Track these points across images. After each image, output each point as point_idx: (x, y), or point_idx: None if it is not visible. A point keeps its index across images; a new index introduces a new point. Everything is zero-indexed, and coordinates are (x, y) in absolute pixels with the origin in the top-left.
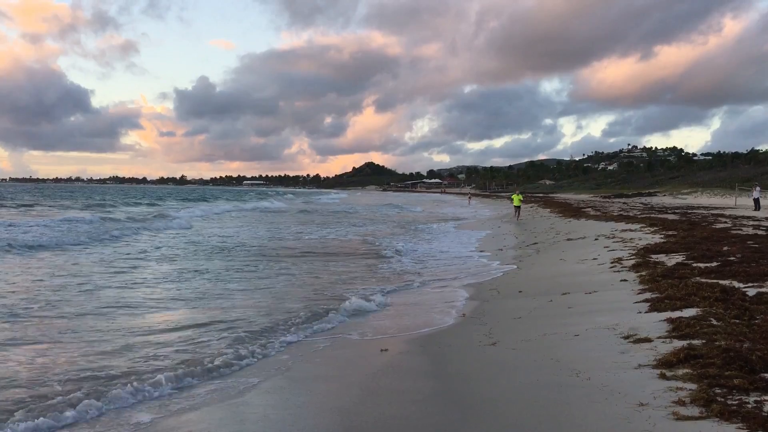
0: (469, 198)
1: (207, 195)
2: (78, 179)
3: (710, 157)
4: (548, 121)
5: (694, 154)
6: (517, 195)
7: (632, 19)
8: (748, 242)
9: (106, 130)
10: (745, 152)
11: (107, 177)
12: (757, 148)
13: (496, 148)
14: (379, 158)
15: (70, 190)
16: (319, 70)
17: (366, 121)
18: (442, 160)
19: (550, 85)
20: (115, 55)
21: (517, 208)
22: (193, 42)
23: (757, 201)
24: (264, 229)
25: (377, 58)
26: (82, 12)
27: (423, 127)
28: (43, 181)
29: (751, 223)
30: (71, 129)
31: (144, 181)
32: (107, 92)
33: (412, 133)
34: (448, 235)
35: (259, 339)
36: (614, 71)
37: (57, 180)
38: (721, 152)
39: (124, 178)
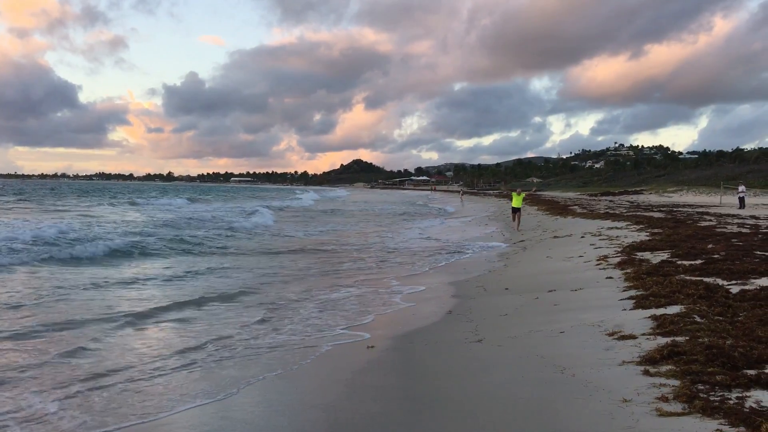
0: (462, 196)
1: (215, 192)
2: (63, 175)
3: (696, 156)
4: (537, 119)
5: (680, 153)
6: (518, 194)
7: (623, 18)
8: (733, 240)
9: (94, 126)
10: (731, 151)
11: (93, 173)
12: (743, 147)
13: (484, 146)
14: (367, 155)
15: (77, 186)
16: (309, 67)
17: (355, 118)
18: (430, 157)
19: (540, 83)
20: (103, 51)
21: (517, 210)
22: (183, 37)
23: (741, 199)
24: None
25: (368, 55)
26: (71, 7)
27: (412, 124)
28: (29, 177)
29: (736, 221)
30: (58, 125)
31: (131, 177)
32: (95, 88)
33: (401, 131)
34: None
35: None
36: (604, 69)
37: (42, 176)
38: (707, 151)
39: (110, 174)
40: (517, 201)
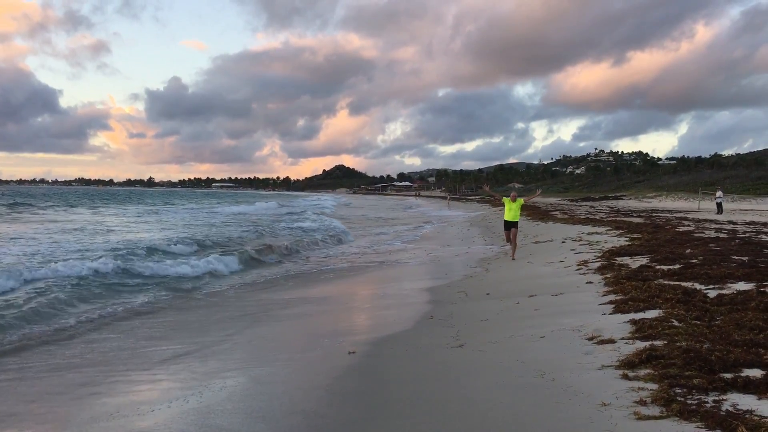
0: (448, 201)
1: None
2: (42, 181)
3: (675, 162)
4: (520, 125)
5: (659, 159)
6: (513, 200)
7: (607, 25)
8: (710, 245)
9: (74, 131)
10: (709, 157)
11: (73, 179)
12: (721, 153)
13: (467, 152)
14: (350, 161)
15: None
16: (293, 73)
17: (339, 123)
18: (413, 163)
19: (524, 90)
20: (86, 55)
21: (512, 226)
22: (167, 42)
23: (719, 205)
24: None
25: (353, 60)
26: (53, 11)
27: (396, 130)
28: (7, 182)
29: (714, 226)
30: (38, 130)
31: (111, 183)
32: (77, 92)
33: (384, 136)
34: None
35: None
36: (587, 76)
37: (21, 182)
38: (686, 157)
39: (90, 180)
40: (511, 212)
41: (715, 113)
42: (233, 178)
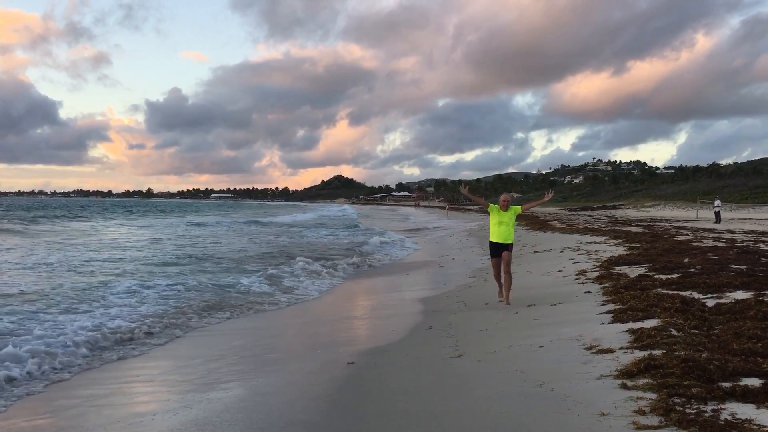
0: (447, 211)
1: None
2: (41, 192)
3: (673, 171)
4: (520, 135)
5: (657, 168)
6: (505, 209)
7: (607, 35)
8: (708, 254)
9: (74, 143)
10: (707, 166)
11: (71, 190)
12: (720, 162)
13: (467, 162)
14: (349, 171)
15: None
16: (293, 83)
17: (339, 134)
18: (412, 173)
19: (524, 99)
20: (86, 67)
21: (502, 249)
22: (168, 53)
23: (717, 213)
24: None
25: (353, 71)
26: (55, 23)
27: (395, 140)
28: (6, 194)
29: (712, 235)
30: (37, 141)
31: (110, 194)
32: (77, 104)
33: (384, 146)
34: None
35: None
36: (587, 86)
37: (20, 193)
38: (684, 166)
39: (89, 191)
40: (501, 227)
41: (714, 122)
42: (232, 188)
